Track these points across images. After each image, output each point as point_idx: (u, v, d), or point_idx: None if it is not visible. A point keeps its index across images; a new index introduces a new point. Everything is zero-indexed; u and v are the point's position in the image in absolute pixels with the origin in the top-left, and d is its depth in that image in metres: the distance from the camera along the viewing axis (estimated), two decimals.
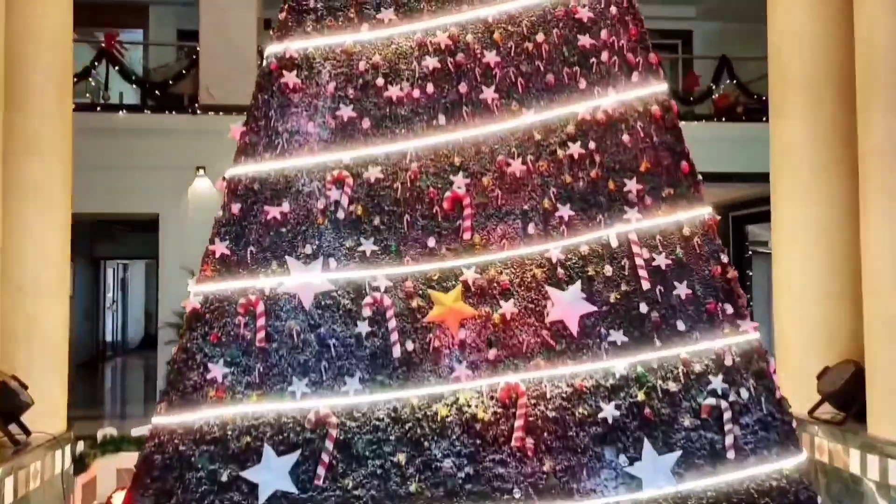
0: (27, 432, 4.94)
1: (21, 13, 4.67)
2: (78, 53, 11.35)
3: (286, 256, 3.39)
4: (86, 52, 11.58)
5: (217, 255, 3.40)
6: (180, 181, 10.86)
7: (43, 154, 4.77)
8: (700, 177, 3.67)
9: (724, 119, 12.27)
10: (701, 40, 15.50)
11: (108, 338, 19.66)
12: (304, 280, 3.34)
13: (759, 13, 13.85)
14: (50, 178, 4.83)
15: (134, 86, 11.41)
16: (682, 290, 3.49)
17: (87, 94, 11.24)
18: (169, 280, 10.83)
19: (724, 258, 3.59)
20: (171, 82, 11.25)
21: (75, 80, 10.78)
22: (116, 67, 11.01)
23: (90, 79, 11.14)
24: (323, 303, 3.36)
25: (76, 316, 16.45)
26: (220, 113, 10.60)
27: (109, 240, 16.96)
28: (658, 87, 3.73)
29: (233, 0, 11.38)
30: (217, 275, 3.39)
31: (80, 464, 6.06)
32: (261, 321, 3.31)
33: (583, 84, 3.71)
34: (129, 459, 5.11)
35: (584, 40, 3.75)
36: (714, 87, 12.51)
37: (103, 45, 11.12)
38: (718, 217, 3.64)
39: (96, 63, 10.94)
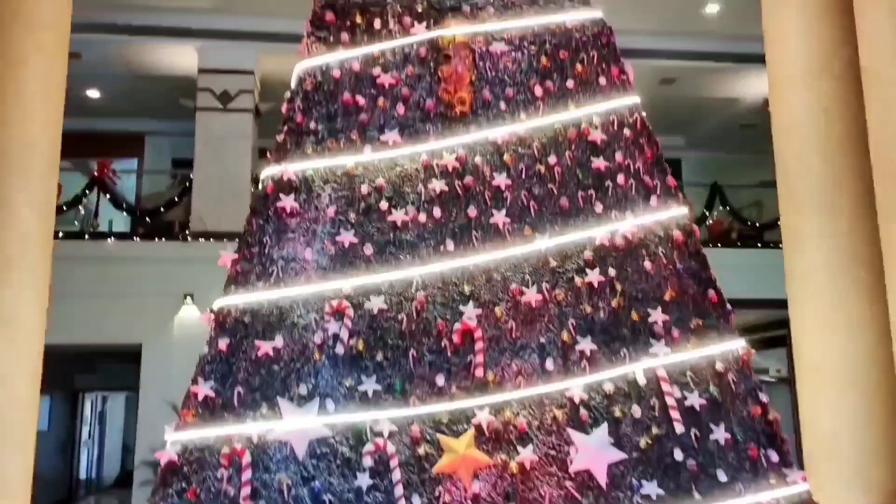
0: None
1: (8, 142, 4.50)
2: (71, 182, 11.33)
3: (278, 398, 3.03)
4: (79, 179, 11.54)
5: (200, 398, 3.02)
6: (166, 309, 10.55)
7: (16, 284, 4.47)
8: (730, 307, 3.39)
9: (719, 245, 12.22)
10: (690, 169, 15.78)
11: (83, 475, 18.64)
12: (297, 425, 2.96)
13: (744, 144, 14.18)
14: (21, 308, 4.50)
15: (124, 213, 11.29)
16: (719, 433, 3.13)
17: (76, 223, 11.08)
18: (149, 414, 10.27)
19: (764, 397, 3.25)
20: (162, 210, 11.14)
21: (65, 208, 10.71)
22: (108, 195, 10.91)
23: (80, 207, 11.01)
24: (318, 451, 2.97)
25: (49, 451, 15.64)
26: (211, 239, 10.43)
27: (89, 370, 16.38)
28: (678, 211, 3.52)
29: (229, 130, 11.48)
30: (199, 420, 3.00)
31: None
32: (246, 474, 2.90)
33: (599, 208, 3.49)
34: None
35: (598, 163, 3.56)
36: (707, 213, 12.53)
37: (95, 173, 11.07)
38: (754, 351, 3.33)
39: (87, 191, 10.84)
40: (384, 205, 3.41)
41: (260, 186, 3.43)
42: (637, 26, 10.91)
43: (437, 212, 3.41)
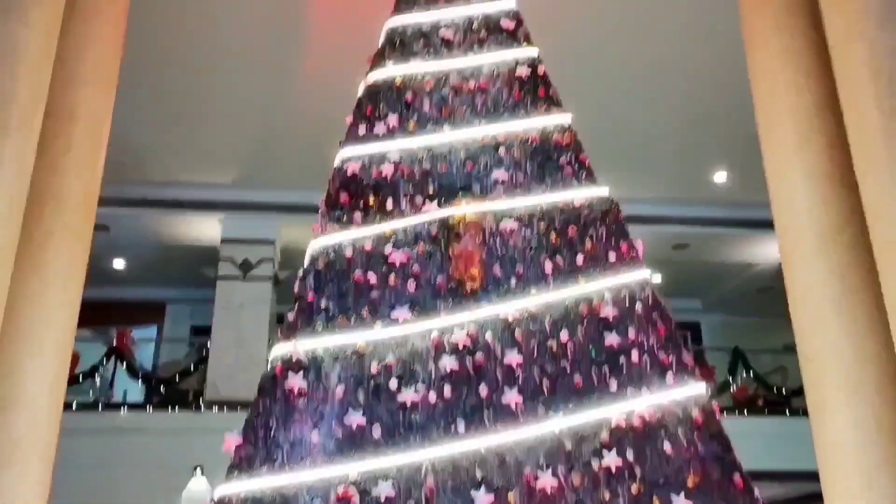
0: None
1: (22, 320, 4.54)
2: (91, 350, 11.39)
3: None
4: (98, 348, 11.60)
5: None
6: (174, 481, 10.21)
7: (22, 466, 4.35)
8: (758, 493, 3.21)
9: (745, 412, 11.83)
10: (710, 332, 15.62)
11: None
12: None
13: (763, 307, 14.12)
14: (25, 493, 4.37)
15: (140, 383, 11.24)
16: None
17: (91, 393, 11.02)
18: None
19: None
20: (178, 378, 11.09)
21: (81, 378, 10.70)
22: (124, 365, 10.92)
23: (97, 376, 10.99)
24: None
25: None
26: (225, 408, 10.28)
27: None
28: (696, 389, 3.42)
29: (248, 297, 11.62)
30: None
31: None
32: None
33: (614, 386, 3.40)
34: None
35: (611, 339, 3.52)
36: (731, 379, 12.25)
37: (114, 343, 11.14)
38: None
39: (105, 361, 10.87)
40: (394, 384, 3.35)
41: (269, 366, 3.40)
42: (647, 194, 11.21)
43: (447, 391, 3.34)
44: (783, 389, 12.07)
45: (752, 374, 12.19)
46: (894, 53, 4.66)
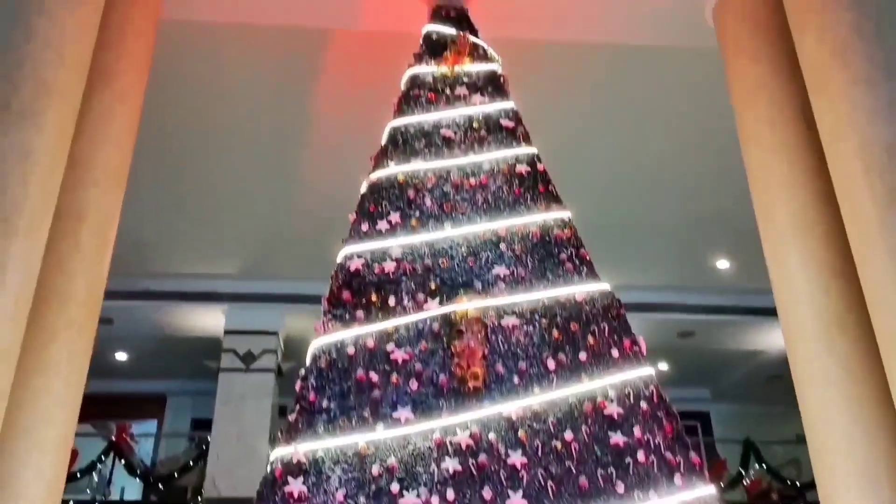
0: None
1: (23, 418, 4.49)
2: (90, 446, 11.20)
3: None
4: (97, 444, 11.41)
5: None
6: None
7: None
8: None
9: None
10: (720, 422, 15.33)
11: None
12: None
13: (773, 396, 13.91)
14: None
15: (138, 480, 11.00)
16: None
17: (88, 491, 10.77)
18: None
19: None
20: (176, 475, 10.85)
21: (79, 475, 10.48)
22: (123, 461, 10.72)
23: (94, 473, 10.77)
24: None
25: None
26: None
27: None
28: (705, 491, 3.34)
29: (250, 389, 11.49)
30: None
31: None
32: None
33: (621, 488, 3.33)
34: None
35: (617, 438, 3.47)
36: (743, 472, 11.94)
37: (114, 438, 10.97)
38: None
39: (104, 457, 10.67)
40: (395, 487, 3.29)
41: (269, 469, 3.34)
42: (651, 282, 11.22)
43: (450, 494, 3.27)
44: (797, 482, 11.75)
45: (764, 467, 11.90)
46: (885, 147, 4.76)
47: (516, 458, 3.38)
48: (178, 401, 14.19)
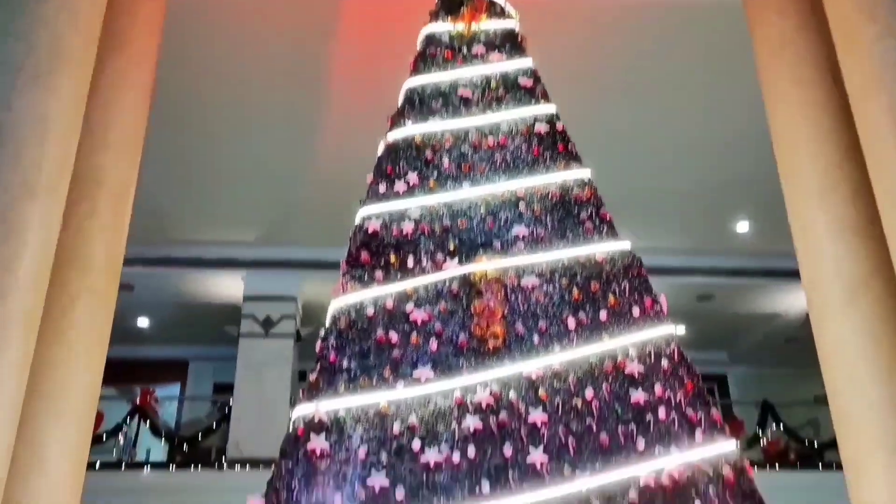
0: None
1: (47, 383, 4.55)
2: (115, 409, 11.39)
3: None
4: (122, 406, 11.60)
5: None
6: None
7: None
8: None
9: (777, 467, 11.51)
10: (737, 385, 15.33)
11: None
12: None
13: (791, 358, 13.87)
14: None
15: (163, 441, 11.20)
16: None
17: (114, 452, 10.98)
18: None
19: None
20: (200, 437, 11.03)
21: (105, 437, 10.68)
22: (148, 423, 10.90)
23: (120, 435, 10.97)
24: None
25: None
26: (248, 467, 10.18)
27: None
28: (726, 447, 3.34)
29: (270, 355, 11.62)
30: None
31: None
32: None
33: (641, 444, 3.33)
34: None
35: (637, 396, 3.46)
36: (761, 433, 11.96)
37: (138, 401, 11.15)
38: None
39: (129, 420, 10.86)
40: (416, 444, 3.31)
41: (291, 427, 3.37)
42: (670, 245, 11.15)
43: (471, 451, 3.28)
44: (815, 442, 11.75)
45: (782, 428, 11.90)
46: None
47: (537, 416, 3.39)
48: (199, 366, 14.38)
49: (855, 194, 5.45)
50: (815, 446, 11.69)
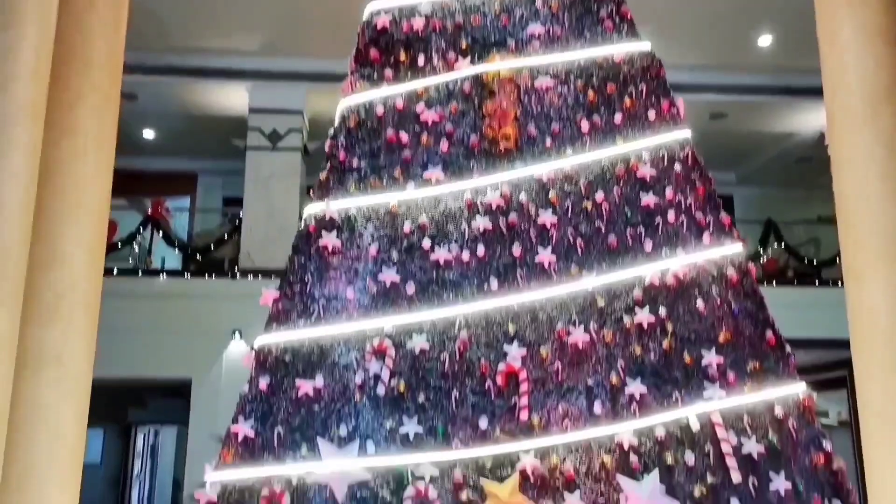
0: None
1: (59, 180, 4.56)
2: (127, 220, 11.60)
3: (318, 438, 2.96)
4: (134, 217, 11.81)
5: (240, 438, 2.98)
6: (215, 345, 10.63)
7: (65, 322, 4.48)
8: (790, 349, 3.22)
9: (774, 283, 11.85)
10: (742, 205, 15.43)
11: None
12: (337, 467, 2.89)
13: (800, 178, 13.83)
14: (70, 346, 4.52)
15: (177, 251, 11.50)
16: (779, 483, 2.96)
17: (130, 260, 11.31)
18: (197, 449, 10.30)
19: (828, 445, 3.06)
20: (212, 247, 11.31)
21: (120, 246, 10.95)
22: (161, 233, 11.14)
23: (135, 244, 11.25)
24: (358, 495, 2.89)
25: (100, 486, 15.79)
26: (260, 276, 10.52)
27: (141, 405, 16.58)
28: (733, 249, 3.38)
29: (277, 168, 11.64)
30: (239, 460, 2.96)
31: None
32: None
33: (649, 246, 3.38)
34: None
35: (648, 199, 3.46)
36: (762, 250, 12.19)
37: (150, 212, 11.33)
38: (815, 395, 3.15)
39: (142, 229, 11.08)
40: (427, 243, 3.36)
41: (302, 224, 3.41)
42: (685, 60, 10.76)
43: (480, 250, 3.34)
44: (814, 260, 12.02)
45: (783, 246, 12.12)
46: None
47: (546, 217, 3.41)
48: (208, 179, 14.46)
49: (890, 1, 5.16)
50: (814, 264, 11.97)
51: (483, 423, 3.02)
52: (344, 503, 2.87)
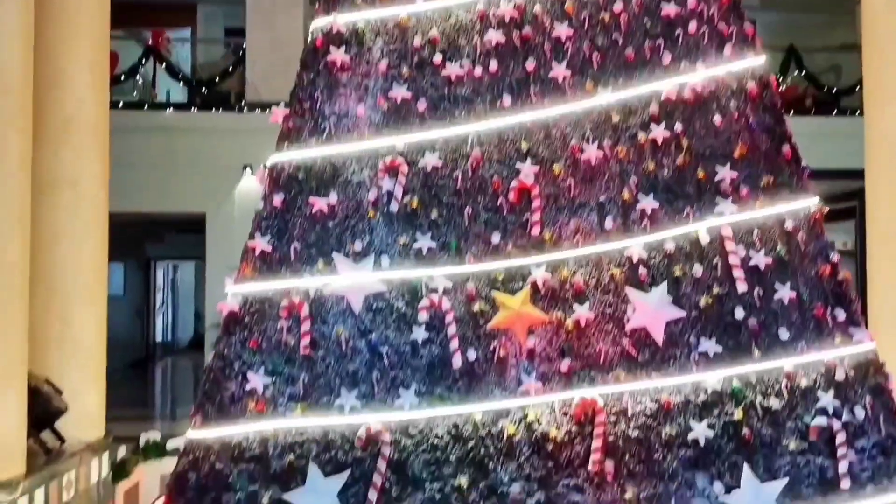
0: (61, 439, 4.68)
1: (57, 4, 4.40)
2: (127, 52, 11.30)
3: (333, 253, 3.03)
4: (134, 50, 11.50)
5: (257, 252, 3.05)
6: (227, 181, 10.69)
7: (76, 144, 4.50)
8: (805, 162, 3.20)
9: (791, 113, 11.62)
10: (764, 30, 14.82)
11: (159, 338, 19.73)
12: (353, 280, 2.98)
13: (824, 3, 13.18)
14: (85, 170, 4.56)
15: (181, 83, 11.29)
16: (784, 292, 3.03)
17: (135, 93, 11.14)
18: (215, 281, 10.64)
19: (835, 256, 3.11)
20: (217, 80, 11.09)
21: (123, 78, 10.74)
22: (164, 65, 10.90)
23: (138, 77, 11.03)
24: (374, 306, 2.99)
25: (125, 316, 16.48)
26: (267, 110, 10.39)
27: (158, 240, 16.97)
28: (755, 61, 3.27)
29: None
30: (257, 274, 3.04)
31: (122, 470, 5.80)
32: (305, 326, 2.95)
33: (667, 59, 3.27)
34: (173, 465, 4.83)
35: (669, 9, 3.30)
36: (781, 78, 11.85)
37: (150, 43, 11.02)
38: (827, 208, 3.17)
39: (143, 60, 10.82)
40: (438, 58, 3.26)
41: (309, 39, 3.31)
42: None
43: (493, 65, 3.24)
44: (834, 88, 11.71)
45: (804, 74, 11.77)
46: None
47: (562, 30, 3.28)
48: (208, 9, 13.95)
49: None
50: (834, 92, 11.66)
51: (495, 238, 3.07)
52: (361, 313, 2.98)
